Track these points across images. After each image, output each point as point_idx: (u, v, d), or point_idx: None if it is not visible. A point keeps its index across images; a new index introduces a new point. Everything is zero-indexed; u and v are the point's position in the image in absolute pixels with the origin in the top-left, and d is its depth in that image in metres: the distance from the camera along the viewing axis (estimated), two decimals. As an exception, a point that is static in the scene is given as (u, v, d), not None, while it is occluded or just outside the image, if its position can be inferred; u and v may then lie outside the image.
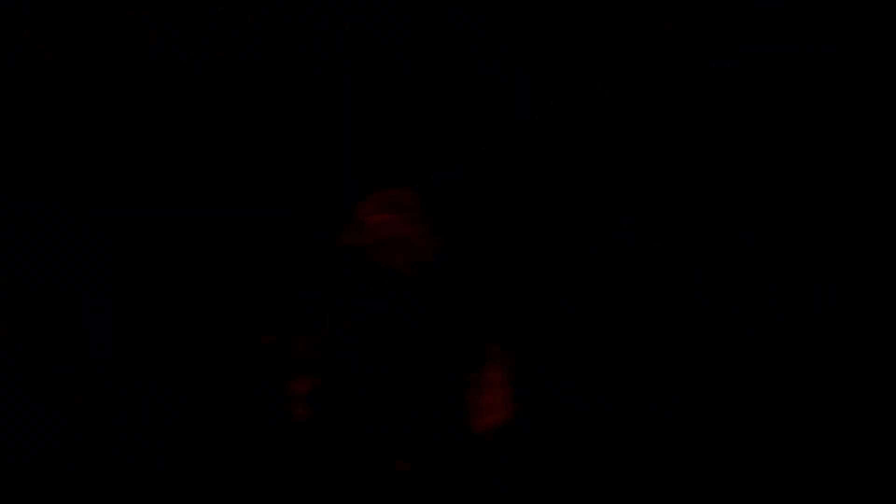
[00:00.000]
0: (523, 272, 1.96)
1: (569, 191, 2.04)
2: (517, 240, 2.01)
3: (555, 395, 1.90)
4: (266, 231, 1.78)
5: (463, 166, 1.93)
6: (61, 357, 1.63)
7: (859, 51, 1.89)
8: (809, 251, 1.85)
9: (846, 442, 1.75)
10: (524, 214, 2.04)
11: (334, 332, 1.70)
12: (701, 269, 1.92)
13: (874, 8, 1.87)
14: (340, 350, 1.68)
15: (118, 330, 1.67)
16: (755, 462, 1.87)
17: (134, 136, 1.77)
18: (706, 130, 1.94)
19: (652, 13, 1.91)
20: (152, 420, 1.64)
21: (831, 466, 1.78)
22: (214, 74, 1.79)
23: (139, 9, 1.73)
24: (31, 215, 1.65)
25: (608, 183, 2.05)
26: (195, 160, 1.80)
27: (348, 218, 1.68)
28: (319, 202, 1.84)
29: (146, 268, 1.72)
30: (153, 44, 1.74)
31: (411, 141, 1.93)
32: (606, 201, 2.03)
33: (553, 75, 2.03)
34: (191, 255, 1.76)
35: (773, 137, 1.93)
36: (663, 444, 1.83)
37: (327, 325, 1.70)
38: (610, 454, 1.89)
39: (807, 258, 1.84)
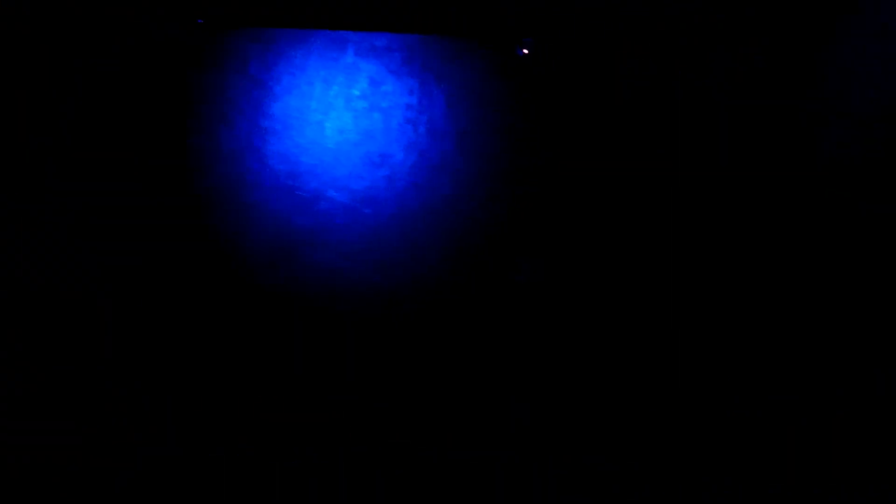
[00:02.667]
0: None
1: (568, 185, 2.04)
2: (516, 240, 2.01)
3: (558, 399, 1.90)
4: (265, 231, 1.78)
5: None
6: (61, 357, 1.63)
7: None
8: (809, 249, 1.84)
9: (846, 443, 1.75)
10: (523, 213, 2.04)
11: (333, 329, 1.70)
12: (701, 268, 1.91)
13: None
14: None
15: (118, 330, 1.67)
16: (753, 461, 1.87)
17: (134, 136, 1.77)
18: (705, 129, 1.93)
19: (651, 12, 1.90)
20: (152, 420, 1.64)
21: (831, 467, 1.77)
22: (214, 73, 1.79)
23: (139, 9, 1.73)
24: (31, 215, 1.65)
25: (605, 176, 2.05)
26: (194, 160, 1.80)
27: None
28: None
29: (146, 268, 1.72)
30: (153, 43, 1.75)
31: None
32: (607, 195, 2.03)
33: (556, 68, 2.02)
34: (190, 255, 1.76)
35: (772, 136, 1.93)
36: (661, 440, 1.83)
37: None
38: (609, 452, 1.88)
39: (807, 258, 1.84)
